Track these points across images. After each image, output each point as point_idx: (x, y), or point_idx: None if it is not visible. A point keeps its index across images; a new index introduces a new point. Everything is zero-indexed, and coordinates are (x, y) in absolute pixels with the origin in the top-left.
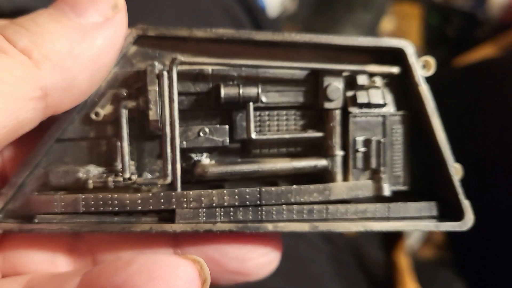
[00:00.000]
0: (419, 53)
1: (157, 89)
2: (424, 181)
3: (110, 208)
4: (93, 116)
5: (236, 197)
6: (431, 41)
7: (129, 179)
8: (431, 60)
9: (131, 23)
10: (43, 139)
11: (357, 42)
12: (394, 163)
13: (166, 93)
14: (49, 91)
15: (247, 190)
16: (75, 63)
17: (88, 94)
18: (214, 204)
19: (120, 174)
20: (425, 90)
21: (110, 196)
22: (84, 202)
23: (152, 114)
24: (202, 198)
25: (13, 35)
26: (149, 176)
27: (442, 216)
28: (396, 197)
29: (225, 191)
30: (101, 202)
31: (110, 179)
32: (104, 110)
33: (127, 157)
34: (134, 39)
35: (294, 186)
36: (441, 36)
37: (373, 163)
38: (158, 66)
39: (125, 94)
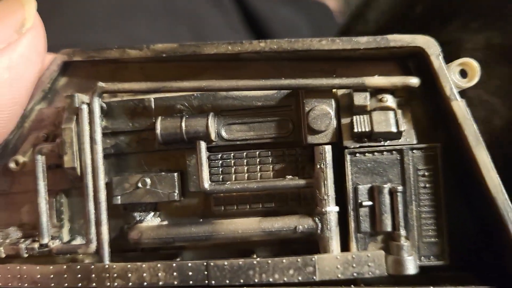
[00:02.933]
0: None
1: (72, 126)
2: (474, 249)
3: (20, 283)
4: (12, 165)
5: (175, 273)
6: None
7: (46, 246)
8: (473, 63)
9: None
10: None
11: (351, 45)
12: (423, 224)
13: (86, 132)
14: None
15: (190, 264)
16: None
17: (1, 136)
18: (145, 283)
19: (37, 239)
20: (461, 107)
21: (18, 267)
22: None
23: (68, 160)
24: (129, 274)
25: None
26: (84, 240)
27: None
28: (429, 276)
29: (159, 265)
30: (9, 275)
31: (23, 246)
32: (26, 158)
33: (44, 218)
34: (59, 67)
35: (258, 259)
36: None
37: (387, 224)
38: (81, 97)
39: (45, 135)
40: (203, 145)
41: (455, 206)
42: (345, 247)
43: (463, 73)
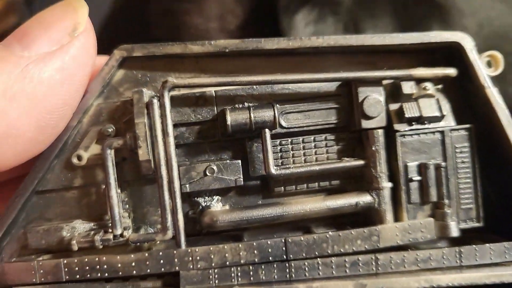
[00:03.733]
0: None
1: (146, 121)
2: (505, 213)
3: (99, 274)
4: (74, 161)
5: (256, 251)
6: None
7: (121, 235)
8: (498, 55)
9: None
10: (15, 195)
11: (398, 40)
12: (461, 193)
13: (158, 125)
14: None
15: (269, 242)
16: (10, 106)
17: (44, 142)
18: (227, 263)
19: (110, 230)
20: (494, 93)
21: (97, 259)
22: (66, 269)
23: (142, 153)
24: (212, 256)
25: None
26: (150, 230)
27: None
28: (468, 237)
29: (240, 245)
30: (87, 267)
31: (97, 237)
32: (88, 152)
33: (117, 209)
34: (117, 62)
35: (330, 233)
36: None
37: (433, 194)
38: (147, 92)
39: (110, 130)
40: (268, 133)
41: (487, 177)
42: (396, 217)
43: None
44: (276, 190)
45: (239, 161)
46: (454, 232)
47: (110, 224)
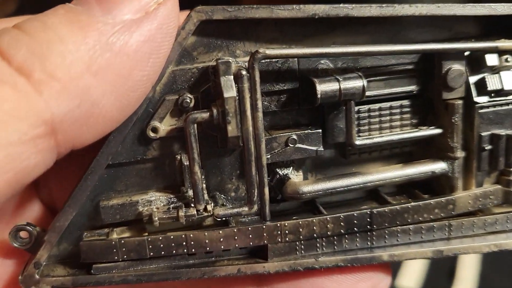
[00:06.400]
0: None
1: (235, 95)
2: None
3: (185, 250)
4: (150, 134)
5: (342, 223)
6: None
7: (205, 209)
8: None
9: None
10: (88, 172)
11: (489, 11)
12: None
13: (247, 100)
14: (59, 125)
15: (355, 214)
16: (95, 82)
17: (120, 121)
18: (315, 235)
19: (192, 205)
20: None
21: (184, 236)
22: (151, 246)
23: (232, 129)
24: (301, 229)
25: (10, 45)
26: (222, 196)
27: None
28: None
29: (328, 218)
30: (173, 244)
31: (181, 214)
32: (163, 124)
33: (200, 185)
34: (195, 26)
35: (412, 203)
36: None
37: (502, 162)
38: (232, 62)
39: (189, 101)
40: (353, 104)
41: None
42: (465, 184)
43: None
44: (352, 158)
45: (320, 130)
46: None
47: (189, 197)
